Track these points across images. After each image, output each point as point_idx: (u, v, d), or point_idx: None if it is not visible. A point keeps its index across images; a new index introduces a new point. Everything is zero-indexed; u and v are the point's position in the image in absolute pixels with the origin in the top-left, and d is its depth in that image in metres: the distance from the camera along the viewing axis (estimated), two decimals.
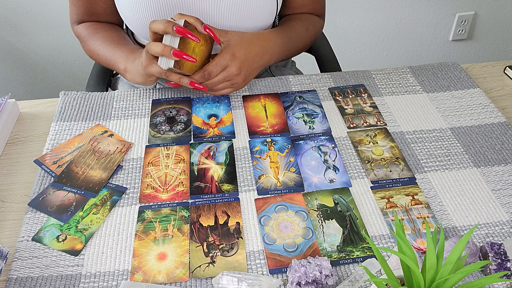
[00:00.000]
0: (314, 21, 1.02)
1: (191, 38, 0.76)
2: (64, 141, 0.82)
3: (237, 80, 0.84)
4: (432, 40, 2.16)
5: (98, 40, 0.94)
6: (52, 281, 0.61)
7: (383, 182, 0.74)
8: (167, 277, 0.61)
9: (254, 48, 0.85)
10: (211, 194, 0.73)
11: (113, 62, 0.91)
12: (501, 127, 0.84)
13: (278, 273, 0.62)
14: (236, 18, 0.89)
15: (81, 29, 0.98)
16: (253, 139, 0.83)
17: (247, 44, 0.84)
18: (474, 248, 0.62)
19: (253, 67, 0.86)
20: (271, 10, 0.92)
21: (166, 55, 0.75)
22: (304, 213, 0.69)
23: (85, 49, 0.99)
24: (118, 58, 0.89)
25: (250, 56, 0.84)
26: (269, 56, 0.89)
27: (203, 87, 0.82)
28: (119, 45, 0.91)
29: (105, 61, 0.93)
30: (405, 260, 0.46)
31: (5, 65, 1.93)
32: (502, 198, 0.72)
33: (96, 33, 0.96)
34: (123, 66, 0.88)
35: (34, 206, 0.70)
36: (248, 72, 0.85)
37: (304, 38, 0.98)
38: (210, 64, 0.81)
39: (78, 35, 0.99)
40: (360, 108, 0.89)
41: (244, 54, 0.83)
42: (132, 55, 0.88)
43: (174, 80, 0.80)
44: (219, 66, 0.81)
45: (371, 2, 1.99)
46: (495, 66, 1.02)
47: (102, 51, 0.93)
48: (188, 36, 0.75)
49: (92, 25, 0.97)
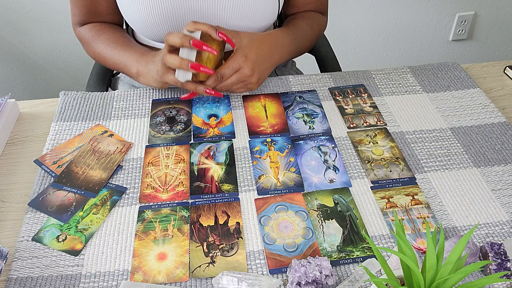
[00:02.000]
0: (318, 18, 1.03)
1: (208, 51, 0.78)
2: (64, 141, 0.82)
3: (251, 80, 0.85)
4: (432, 40, 2.16)
5: (103, 42, 0.94)
6: (52, 281, 0.61)
7: (383, 182, 0.74)
8: (167, 277, 0.61)
9: (265, 48, 0.86)
10: (211, 194, 0.73)
11: (122, 66, 0.91)
12: (501, 127, 0.84)
13: (278, 273, 0.62)
14: (239, 17, 0.89)
15: (84, 31, 0.97)
16: (253, 139, 0.83)
17: (257, 44, 0.85)
18: (474, 248, 0.62)
19: (264, 66, 0.87)
20: (273, 9, 0.93)
21: (184, 68, 0.78)
22: (304, 213, 0.69)
23: (89, 52, 0.98)
24: (128, 61, 0.89)
25: (261, 56, 0.85)
26: (279, 55, 0.90)
27: (219, 94, 0.84)
28: (126, 48, 0.91)
29: (113, 64, 0.93)
30: (405, 260, 0.46)
31: (5, 65, 1.93)
32: (502, 198, 0.72)
33: (99, 35, 0.95)
34: (135, 70, 0.88)
35: (34, 206, 0.70)
36: (261, 72, 0.86)
37: (310, 36, 1.00)
38: (223, 67, 0.82)
39: (81, 37, 0.99)
40: (360, 108, 0.89)
41: (256, 55, 0.84)
42: (143, 58, 0.88)
43: (190, 88, 0.82)
44: (232, 68, 0.82)
45: (371, 2, 1.99)
46: (495, 66, 1.02)
47: (109, 54, 0.93)
48: (205, 49, 0.77)
49: (95, 27, 0.97)
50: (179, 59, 0.78)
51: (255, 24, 0.92)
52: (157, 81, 0.85)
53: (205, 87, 0.82)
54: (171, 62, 0.79)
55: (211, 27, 0.79)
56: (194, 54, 0.79)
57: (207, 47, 0.77)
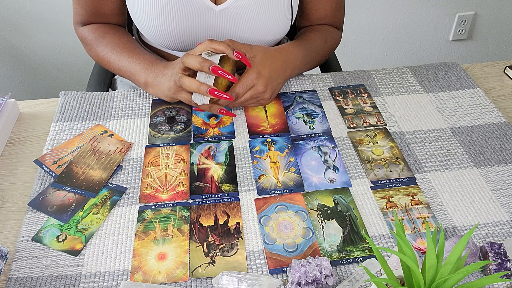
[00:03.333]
0: (333, 32, 1.01)
1: (229, 79, 0.77)
2: (64, 141, 0.82)
3: (264, 96, 0.84)
4: (432, 40, 2.16)
5: (108, 46, 0.92)
6: (52, 281, 0.61)
7: (383, 182, 0.74)
8: (167, 277, 0.61)
9: (277, 64, 0.86)
10: (211, 194, 0.73)
11: (129, 73, 0.89)
12: (501, 127, 0.84)
13: (278, 273, 0.62)
14: (252, 31, 0.89)
15: (86, 32, 0.95)
16: (253, 139, 0.83)
17: (270, 60, 0.84)
18: (474, 248, 0.62)
19: (277, 82, 0.86)
20: (286, 23, 0.92)
21: (202, 93, 0.77)
22: (304, 213, 0.69)
23: (91, 54, 0.96)
24: (136, 70, 0.88)
25: (274, 72, 0.85)
26: (291, 69, 0.89)
27: (232, 114, 0.83)
28: (133, 55, 0.89)
29: (119, 70, 0.91)
30: (405, 260, 0.46)
31: (5, 65, 1.93)
32: (502, 198, 0.72)
33: (104, 37, 0.93)
34: (143, 80, 0.87)
35: (34, 206, 0.70)
36: (274, 87, 0.85)
37: (323, 50, 0.98)
38: (237, 85, 0.81)
39: (82, 37, 0.96)
40: (360, 108, 0.89)
41: (269, 72, 0.83)
42: (152, 68, 0.86)
43: (204, 109, 0.82)
44: (246, 86, 0.81)
45: (371, 2, 1.99)
46: (495, 66, 1.02)
47: (114, 59, 0.91)
48: (223, 75, 0.76)
49: (99, 28, 0.94)
50: (197, 83, 0.77)
51: (268, 37, 0.92)
52: (168, 97, 0.84)
53: (219, 107, 0.81)
54: (188, 85, 0.77)
55: (228, 47, 0.77)
56: (212, 79, 0.77)
57: (225, 73, 0.75)
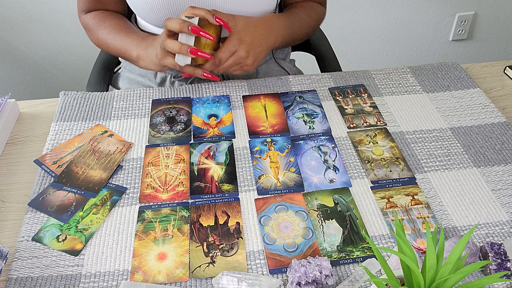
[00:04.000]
0: (316, 8, 1.05)
1: (206, 37, 0.80)
2: (64, 141, 0.82)
3: (247, 62, 0.87)
4: (432, 40, 2.16)
5: (106, 29, 0.97)
6: (52, 281, 0.61)
7: (383, 182, 0.74)
8: (167, 277, 0.61)
9: (260, 32, 0.88)
10: (211, 194, 0.73)
11: (123, 50, 0.93)
12: (501, 127, 0.84)
13: (278, 273, 0.62)
14: (236, 2, 0.91)
15: (88, 18, 1.00)
16: (253, 139, 0.83)
17: (252, 28, 0.87)
18: (474, 248, 0.62)
19: (260, 49, 0.88)
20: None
21: (183, 53, 0.80)
22: (304, 213, 0.69)
23: (92, 39, 1.01)
24: (129, 46, 0.92)
25: (256, 39, 0.87)
26: (274, 38, 0.92)
27: (215, 77, 0.86)
28: (128, 33, 0.94)
29: (115, 49, 0.95)
30: (405, 260, 0.46)
31: (5, 65, 1.93)
32: (502, 198, 0.72)
33: (103, 21, 0.98)
34: (135, 54, 0.91)
35: (34, 206, 0.70)
36: (256, 54, 0.88)
37: (307, 23, 1.02)
38: (220, 51, 0.84)
39: (85, 24, 1.02)
40: (360, 108, 0.89)
41: (251, 38, 0.86)
42: (143, 42, 0.90)
43: (188, 71, 0.85)
44: (228, 51, 0.84)
45: (371, 2, 1.99)
46: (495, 66, 1.02)
47: (111, 40, 0.95)
48: (203, 35, 0.80)
49: (99, 14, 1.00)
50: (179, 44, 0.81)
51: (253, 9, 0.94)
52: (156, 65, 0.87)
53: (202, 71, 0.85)
54: (171, 46, 0.81)
55: (208, 12, 0.81)
56: (192, 39, 0.81)
57: (204, 33, 0.80)
